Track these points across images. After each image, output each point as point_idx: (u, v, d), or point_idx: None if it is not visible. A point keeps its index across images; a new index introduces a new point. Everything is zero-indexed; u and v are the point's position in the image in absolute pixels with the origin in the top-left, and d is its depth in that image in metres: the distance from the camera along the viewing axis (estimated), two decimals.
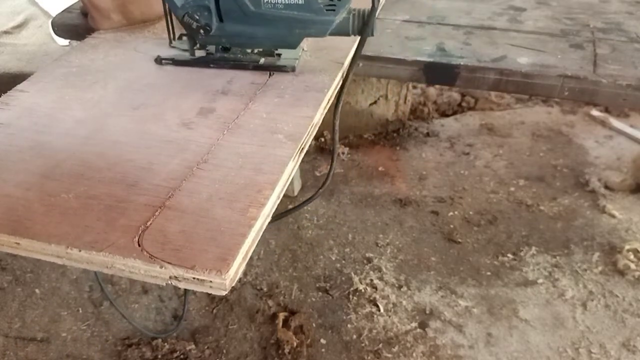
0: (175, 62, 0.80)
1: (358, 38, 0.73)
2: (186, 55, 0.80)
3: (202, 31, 0.74)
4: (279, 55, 0.80)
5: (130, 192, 0.53)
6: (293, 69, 0.77)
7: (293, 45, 0.76)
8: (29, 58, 1.80)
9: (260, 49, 0.80)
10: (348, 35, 0.73)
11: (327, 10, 0.71)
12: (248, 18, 0.73)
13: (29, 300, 1.34)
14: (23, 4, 2.12)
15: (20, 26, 2.00)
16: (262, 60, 0.79)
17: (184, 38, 0.83)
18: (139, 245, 0.46)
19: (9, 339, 1.25)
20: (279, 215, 0.96)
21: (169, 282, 0.44)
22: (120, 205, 0.51)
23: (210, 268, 0.44)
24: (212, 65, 0.79)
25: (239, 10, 0.73)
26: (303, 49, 0.83)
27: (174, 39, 0.85)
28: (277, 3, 0.71)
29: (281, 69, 0.77)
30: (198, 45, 0.80)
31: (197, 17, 0.73)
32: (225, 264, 0.45)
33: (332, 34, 0.73)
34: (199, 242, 0.47)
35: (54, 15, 1.08)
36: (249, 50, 0.80)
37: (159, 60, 0.81)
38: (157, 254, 0.45)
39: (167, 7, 0.79)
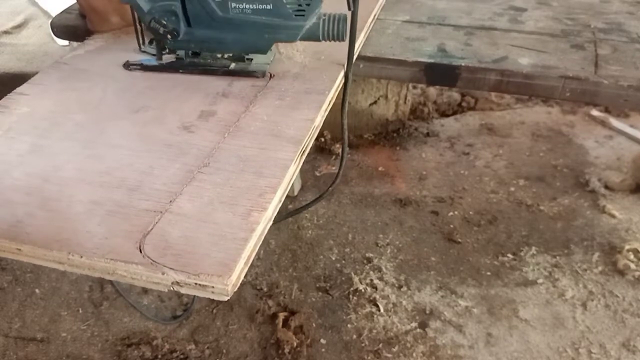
0: (144, 67, 0.79)
1: (359, 43, 0.73)
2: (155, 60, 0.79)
3: (169, 36, 0.73)
4: (250, 60, 0.78)
5: (131, 196, 0.53)
6: (263, 75, 0.76)
7: (263, 50, 0.75)
8: (29, 58, 1.79)
9: (231, 54, 0.78)
10: (319, 40, 0.72)
11: (296, 15, 0.69)
12: (216, 23, 0.72)
13: (29, 300, 1.34)
14: (23, 4, 2.12)
15: (20, 26, 1.99)
16: (232, 65, 0.77)
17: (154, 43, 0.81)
18: (141, 251, 0.46)
19: (9, 339, 1.25)
20: (284, 216, 0.95)
21: (171, 288, 0.44)
22: (122, 211, 0.51)
23: (212, 273, 0.44)
24: (181, 71, 0.77)
25: (207, 15, 0.71)
26: (279, 52, 0.81)
27: (143, 43, 0.82)
28: (245, 8, 0.70)
29: (251, 75, 0.76)
30: (167, 50, 0.78)
31: (165, 22, 0.72)
32: (228, 269, 0.45)
33: (302, 39, 0.72)
34: (201, 247, 0.47)
35: (54, 15, 1.07)
36: (219, 55, 0.78)
37: (127, 66, 0.79)
38: (159, 259, 0.45)
39: (134, 11, 0.77)
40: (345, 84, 0.74)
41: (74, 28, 1.01)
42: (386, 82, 1.73)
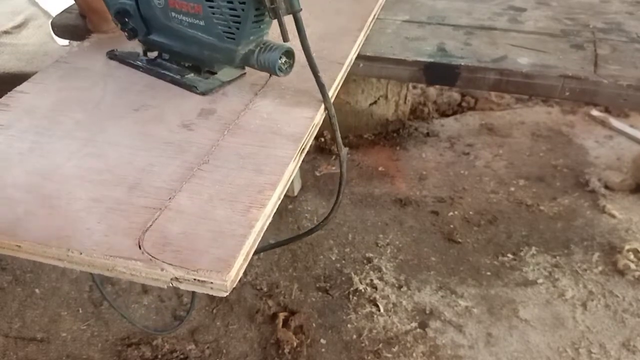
0: (118, 58, 0.79)
1: (357, 45, 0.70)
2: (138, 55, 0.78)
3: (126, 34, 0.73)
4: (213, 73, 0.73)
5: (131, 194, 0.53)
6: (202, 94, 0.70)
7: (210, 67, 0.71)
8: (29, 58, 1.79)
9: (189, 64, 0.74)
10: (255, 68, 0.67)
11: (227, 38, 0.65)
12: (165, 30, 0.69)
13: (29, 300, 1.34)
14: (23, 4, 2.11)
15: (20, 26, 1.99)
16: (187, 75, 0.73)
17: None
18: (140, 248, 0.46)
19: (9, 339, 1.25)
20: (288, 240, 0.92)
21: (170, 284, 0.44)
22: (121, 208, 0.51)
23: (211, 269, 0.44)
24: (141, 69, 0.76)
25: (157, 21, 0.69)
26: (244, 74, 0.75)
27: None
28: (183, 20, 0.67)
29: (190, 89, 0.71)
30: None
31: (126, 21, 0.71)
32: (227, 265, 0.45)
33: (242, 65, 0.67)
34: (200, 243, 0.47)
35: (54, 15, 1.08)
36: (183, 63, 0.74)
37: (108, 54, 0.80)
38: (158, 255, 0.45)
39: None
40: (330, 120, 0.69)
41: (74, 27, 1.01)
42: (386, 82, 1.73)
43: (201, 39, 0.67)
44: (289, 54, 0.66)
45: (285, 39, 0.61)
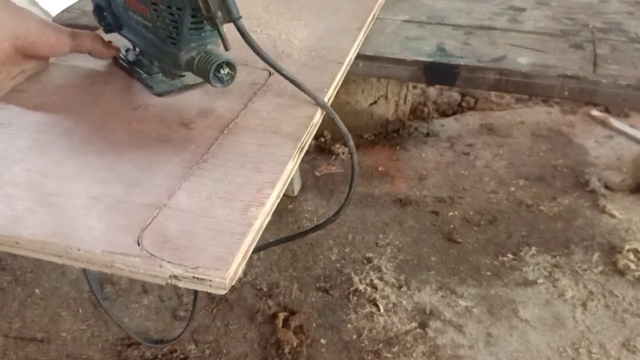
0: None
1: (357, 45, 0.69)
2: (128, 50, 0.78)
3: (102, 28, 0.73)
4: (182, 76, 0.72)
5: (130, 191, 0.53)
6: (159, 95, 0.70)
7: (165, 70, 0.70)
8: None
9: (159, 64, 0.72)
10: (197, 76, 0.65)
11: (170, 42, 0.63)
12: (129, 28, 0.69)
13: (29, 300, 1.34)
14: (23, 3, 2.12)
15: None
16: (154, 75, 0.72)
17: None
18: (139, 245, 0.46)
19: (9, 339, 1.25)
20: (291, 237, 0.92)
21: (169, 281, 0.44)
22: (120, 205, 0.51)
23: (210, 267, 0.44)
24: (116, 66, 0.76)
25: (123, 18, 0.69)
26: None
27: None
28: (138, 20, 0.66)
29: (149, 88, 0.71)
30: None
31: (103, 15, 0.71)
32: (225, 263, 0.45)
33: (186, 70, 0.66)
34: (199, 241, 0.47)
35: (54, 15, 1.08)
36: (155, 62, 0.73)
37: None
38: (157, 252, 0.45)
39: None
40: (325, 109, 0.68)
41: (75, 27, 1.01)
42: (386, 82, 1.73)
43: (152, 40, 0.67)
44: (229, 64, 0.64)
45: (225, 48, 0.60)
